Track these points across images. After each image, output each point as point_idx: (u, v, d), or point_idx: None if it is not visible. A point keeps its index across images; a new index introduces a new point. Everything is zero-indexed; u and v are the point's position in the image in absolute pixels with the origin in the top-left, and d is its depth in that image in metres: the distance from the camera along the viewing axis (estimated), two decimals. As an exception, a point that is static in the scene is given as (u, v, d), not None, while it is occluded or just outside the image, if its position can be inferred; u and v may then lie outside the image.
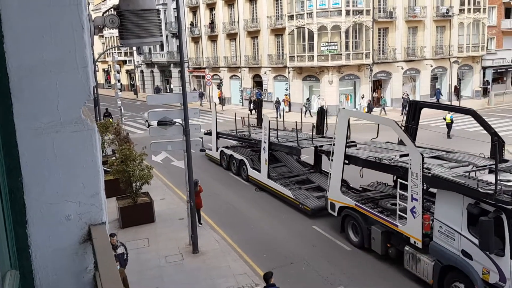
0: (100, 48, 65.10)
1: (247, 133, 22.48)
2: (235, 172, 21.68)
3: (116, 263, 8.91)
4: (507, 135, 28.21)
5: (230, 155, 22.30)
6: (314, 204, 16.04)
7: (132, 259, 13.12)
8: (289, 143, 18.63)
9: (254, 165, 20.35)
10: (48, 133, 2.28)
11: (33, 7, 2.20)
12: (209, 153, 24.75)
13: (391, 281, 11.64)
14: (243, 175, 20.91)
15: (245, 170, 20.73)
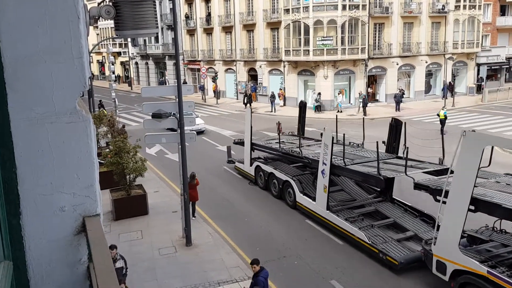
0: (95, 39, 64.67)
1: (288, 143, 19.41)
2: (275, 194, 17.58)
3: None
4: (500, 131, 28.42)
5: (270, 173, 17.89)
6: (401, 254, 11.71)
7: (125, 251, 13.12)
8: (362, 167, 14.30)
9: (304, 188, 16.08)
10: (42, 124, 2.26)
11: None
12: (240, 166, 20.70)
13: (383, 276, 11.72)
14: (287, 200, 16.67)
15: (291, 194, 16.45)
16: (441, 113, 27.72)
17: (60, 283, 2.35)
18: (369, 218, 14.10)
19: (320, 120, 34.50)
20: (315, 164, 15.52)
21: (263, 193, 18.24)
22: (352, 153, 16.63)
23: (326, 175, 13.95)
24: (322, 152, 14.07)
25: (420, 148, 17.97)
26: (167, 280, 11.52)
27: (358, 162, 15.10)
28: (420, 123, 32.19)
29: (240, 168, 20.68)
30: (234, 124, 33.56)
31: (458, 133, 28.55)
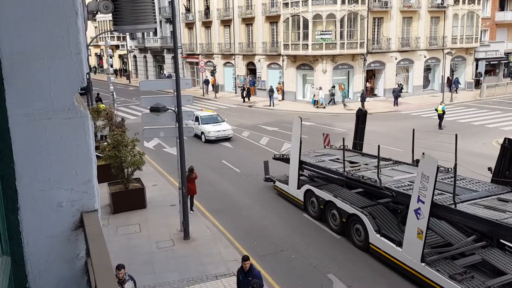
0: (93, 32, 64.38)
1: (340, 160, 15.63)
2: (335, 228, 13.92)
3: None
4: (497, 126, 28.49)
5: (328, 201, 14.15)
6: None
7: (122, 244, 13.18)
8: (479, 210, 10.36)
9: (380, 226, 12.28)
10: (40, 120, 2.27)
11: (26, -8, 2.17)
12: (282, 187, 17.02)
13: (380, 270, 11.78)
14: (354, 239, 12.99)
15: (360, 232, 12.75)
16: (439, 108, 27.76)
17: (58, 278, 2.36)
18: (473, 270, 10.51)
19: (318, 115, 34.52)
20: (403, 198, 11.78)
21: (260, 186, 18.27)
22: (444, 181, 12.78)
23: (423, 216, 10.30)
24: (418, 185, 10.43)
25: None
26: (164, 273, 11.57)
27: (468, 199, 11.05)
28: (419, 118, 32.25)
29: (282, 189, 16.88)
30: (232, 118, 33.54)
31: (456, 128, 28.72)
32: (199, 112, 28.12)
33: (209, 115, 27.32)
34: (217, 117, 27.16)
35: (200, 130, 25.70)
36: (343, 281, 11.20)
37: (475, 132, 27.08)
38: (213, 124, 25.96)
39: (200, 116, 26.61)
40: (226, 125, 26.39)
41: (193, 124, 25.04)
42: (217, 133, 25.37)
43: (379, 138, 25.56)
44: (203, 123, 26.06)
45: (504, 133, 26.46)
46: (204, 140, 25.50)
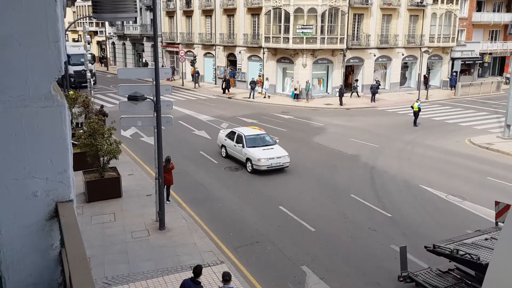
0: (71, 17, 63.00)
1: None
2: None
3: None
4: (471, 125, 29.15)
5: None
6: None
7: (97, 233, 13.07)
8: None
9: None
10: (16, 108, 2.23)
11: (3, -23, 2.13)
12: None
13: (354, 264, 11.99)
14: None
15: None
16: (415, 105, 28.23)
17: (31, 267, 2.35)
18: None
19: (296, 108, 34.71)
20: None
21: (238, 178, 18.32)
22: None
23: None
24: None
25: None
26: (139, 263, 11.52)
27: None
28: (394, 114, 32.74)
29: None
30: (211, 109, 33.44)
31: (430, 126, 29.28)
32: (242, 129, 21.16)
33: (256, 134, 20.36)
34: (265, 136, 20.48)
35: (245, 156, 19.20)
36: (316, 273, 11.36)
37: (449, 130, 27.66)
38: (263, 148, 19.17)
39: (244, 136, 19.74)
40: (280, 150, 19.47)
41: (234, 145, 20.04)
42: (270, 161, 18.60)
43: (358, 134, 25.91)
44: (249, 145, 19.30)
45: (477, 131, 27.14)
46: (250, 170, 18.85)
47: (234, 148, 20.02)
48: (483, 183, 18.25)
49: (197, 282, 8.67)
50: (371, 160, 20.91)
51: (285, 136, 25.24)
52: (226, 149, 20.83)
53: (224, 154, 20.94)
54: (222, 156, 20.98)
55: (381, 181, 18.22)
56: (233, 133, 20.56)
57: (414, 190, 17.18)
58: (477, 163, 21.05)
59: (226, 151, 20.85)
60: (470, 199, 16.32)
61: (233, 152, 20.24)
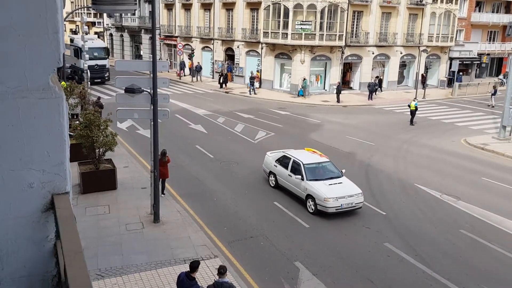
0: (69, 7, 62.61)
1: None
2: None
3: None
4: (467, 125, 29.25)
5: None
6: None
7: (91, 225, 13.07)
8: None
9: None
10: (14, 99, 2.22)
11: (3, -33, 2.11)
12: None
13: (347, 260, 12.04)
14: None
15: None
16: (412, 104, 28.29)
17: (26, 259, 2.34)
18: None
19: (293, 104, 34.70)
20: None
21: (233, 173, 18.32)
22: None
23: None
24: None
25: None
26: (132, 255, 11.53)
27: None
28: (391, 113, 32.79)
29: None
30: (208, 103, 33.40)
31: (427, 125, 29.36)
32: (297, 154, 16.52)
33: (318, 162, 16.02)
34: (329, 165, 16.07)
35: (305, 191, 14.95)
36: (310, 269, 11.41)
37: (445, 130, 27.75)
38: (329, 182, 14.96)
39: (303, 164, 15.48)
40: (351, 185, 15.16)
41: (288, 175, 15.80)
42: (340, 202, 14.25)
43: (355, 132, 25.95)
44: (311, 177, 15.14)
45: (473, 132, 27.24)
46: (313, 211, 14.56)
47: (289, 179, 15.76)
48: (478, 183, 18.34)
49: (191, 277, 8.65)
50: (366, 158, 20.96)
51: (281, 132, 25.25)
52: (276, 178, 16.56)
53: (273, 183, 16.72)
54: (270, 185, 16.85)
55: (376, 179, 18.28)
56: (286, 158, 16.36)
57: (409, 189, 17.24)
58: (472, 163, 21.15)
59: (275, 181, 16.57)
60: (464, 199, 16.41)
61: (286, 183, 15.98)
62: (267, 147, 22.07)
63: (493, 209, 15.58)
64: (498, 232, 13.98)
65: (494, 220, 14.76)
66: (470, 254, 12.63)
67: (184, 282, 8.65)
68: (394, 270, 11.60)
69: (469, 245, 13.10)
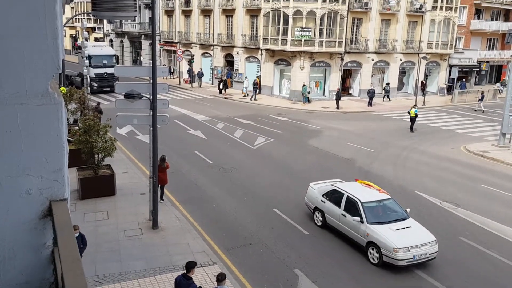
0: (69, 12, 62.81)
1: None
2: None
3: None
4: (466, 132, 29.26)
5: None
6: None
7: (90, 231, 13.00)
8: None
9: None
10: (12, 105, 2.21)
11: (3, -27, 2.11)
12: None
13: (346, 267, 11.99)
14: None
15: None
16: (412, 111, 28.30)
17: (23, 266, 2.32)
18: None
19: (293, 110, 34.72)
20: None
21: (232, 179, 18.29)
22: None
23: None
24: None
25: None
26: (131, 262, 11.48)
27: None
28: (391, 119, 32.82)
29: None
30: (207, 109, 33.41)
31: (426, 132, 29.34)
32: (350, 187, 13.93)
33: (378, 199, 13.27)
34: (390, 203, 13.39)
35: (365, 238, 12.34)
36: (309, 277, 11.35)
37: (445, 137, 27.76)
38: (396, 227, 12.31)
39: (360, 203, 12.83)
40: (421, 229, 12.58)
41: (342, 215, 13.19)
42: (412, 253, 11.70)
43: (354, 138, 25.95)
44: (373, 220, 12.49)
45: (472, 139, 27.25)
46: (376, 262, 12.04)
47: (343, 220, 13.15)
48: (478, 190, 18.32)
49: (188, 277, 8.76)
50: (366, 164, 20.95)
51: (281, 138, 25.26)
52: (323, 216, 13.94)
53: (320, 222, 14.08)
54: (316, 224, 14.23)
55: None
56: (336, 192, 13.81)
57: (409, 196, 17.21)
58: (472, 170, 21.13)
59: (323, 219, 13.96)
60: (464, 206, 16.38)
61: (339, 225, 13.33)
62: (266, 153, 22.08)
63: (493, 216, 15.55)
64: (497, 240, 13.95)
65: (494, 227, 14.73)
66: (470, 261, 12.59)
67: (182, 283, 8.72)
68: (394, 277, 11.55)
69: (469, 253, 13.06)
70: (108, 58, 38.16)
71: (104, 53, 38.41)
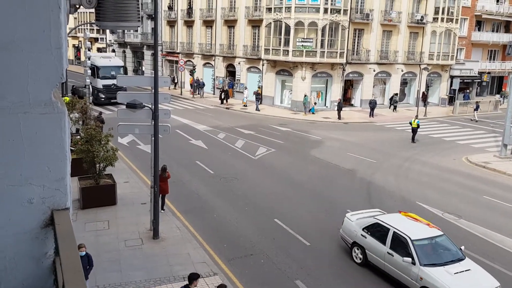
0: (72, 23, 63.19)
1: None
2: None
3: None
4: (468, 143, 29.21)
5: None
6: None
7: (90, 241, 12.95)
8: None
9: None
10: (15, 114, 2.21)
11: (8, -17, 2.12)
12: None
13: (348, 280, 11.90)
14: None
15: None
16: (414, 122, 28.30)
17: (24, 275, 2.31)
18: None
19: (294, 121, 34.75)
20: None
21: (233, 189, 18.25)
22: None
23: None
24: None
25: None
26: (131, 272, 11.42)
27: None
28: (392, 130, 32.81)
29: None
30: (208, 119, 33.46)
31: (428, 143, 29.27)
32: (396, 221, 12.20)
33: (431, 237, 11.65)
34: (443, 241, 11.78)
35: (419, 282, 10.71)
36: (310, 288, 11.27)
37: (447, 148, 27.72)
38: (454, 269, 10.71)
39: (411, 241, 11.21)
40: (481, 272, 11.06)
41: (388, 254, 11.54)
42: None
43: (356, 149, 25.92)
44: (426, 261, 10.90)
45: (474, 150, 27.21)
46: None
47: (389, 260, 11.53)
48: (479, 201, 18.25)
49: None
50: (368, 175, 20.90)
51: (282, 149, 25.24)
52: (364, 253, 12.35)
53: (360, 259, 12.50)
54: (355, 261, 12.67)
55: (378, 196, 18.19)
56: (379, 226, 12.22)
57: (411, 207, 17.12)
58: (473, 181, 21.07)
59: (363, 256, 12.39)
60: (466, 217, 16.30)
61: (385, 264, 11.71)
62: (267, 163, 22.05)
63: (495, 228, 15.47)
64: (500, 251, 13.86)
65: (496, 239, 14.65)
66: (473, 273, 12.47)
67: None
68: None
69: (471, 264, 12.94)
70: (116, 69, 37.67)
71: (112, 64, 37.99)
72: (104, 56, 40.52)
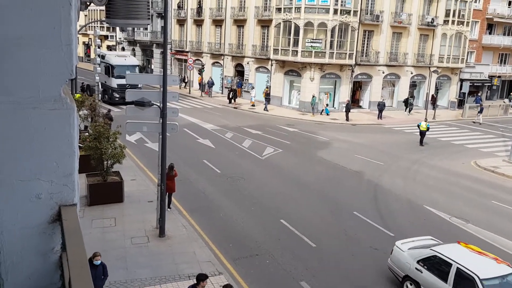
0: (82, 20, 63.59)
1: None
2: None
3: None
4: (477, 147, 29.00)
5: None
6: None
7: (97, 238, 13.04)
8: None
9: None
10: (25, 109, 2.23)
11: (20, -21, 2.14)
12: None
13: (353, 282, 11.86)
14: None
15: None
16: (423, 125, 28.12)
17: (31, 270, 2.32)
18: None
19: (302, 121, 34.69)
20: None
21: (240, 189, 18.26)
22: None
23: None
24: None
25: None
26: (137, 269, 11.46)
27: None
28: (401, 133, 32.66)
29: None
30: (216, 118, 33.50)
31: (436, 146, 29.10)
32: (462, 256, 10.40)
33: (502, 275, 9.92)
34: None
35: None
36: (315, 290, 11.24)
37: (455, 151, 27.54)
38: None
39: (480, 281, 9.54)
40: None
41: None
42: None
43: (363, 151, 25.83)
44: None
45: (483, 154, 27.00)
46: None
47: None
48: (488, 206, 18.10)
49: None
50: (375, 177, 20.81)
51: (289, 149, 25.21)
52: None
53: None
54: None
55: (385, 199, 18.11)
56: (438, 259, 10.63)
57: (418, 210, 17.05)
58: (482, 186, 20.91)
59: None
60: (474, 222, 16.18)
61: None
62: (274, 163, 22.03)
63: (503, 233, 15.34)
64: (507, 257, 13.72)
65: (504, 244, 14.52)
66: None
67: None
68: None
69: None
70: (131, 69, 36.48)
71: (127, 63, 36.96)
72: (119, 55, 39.71)
